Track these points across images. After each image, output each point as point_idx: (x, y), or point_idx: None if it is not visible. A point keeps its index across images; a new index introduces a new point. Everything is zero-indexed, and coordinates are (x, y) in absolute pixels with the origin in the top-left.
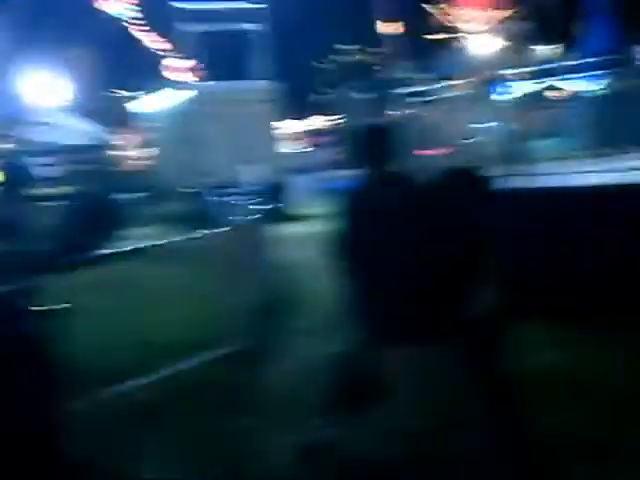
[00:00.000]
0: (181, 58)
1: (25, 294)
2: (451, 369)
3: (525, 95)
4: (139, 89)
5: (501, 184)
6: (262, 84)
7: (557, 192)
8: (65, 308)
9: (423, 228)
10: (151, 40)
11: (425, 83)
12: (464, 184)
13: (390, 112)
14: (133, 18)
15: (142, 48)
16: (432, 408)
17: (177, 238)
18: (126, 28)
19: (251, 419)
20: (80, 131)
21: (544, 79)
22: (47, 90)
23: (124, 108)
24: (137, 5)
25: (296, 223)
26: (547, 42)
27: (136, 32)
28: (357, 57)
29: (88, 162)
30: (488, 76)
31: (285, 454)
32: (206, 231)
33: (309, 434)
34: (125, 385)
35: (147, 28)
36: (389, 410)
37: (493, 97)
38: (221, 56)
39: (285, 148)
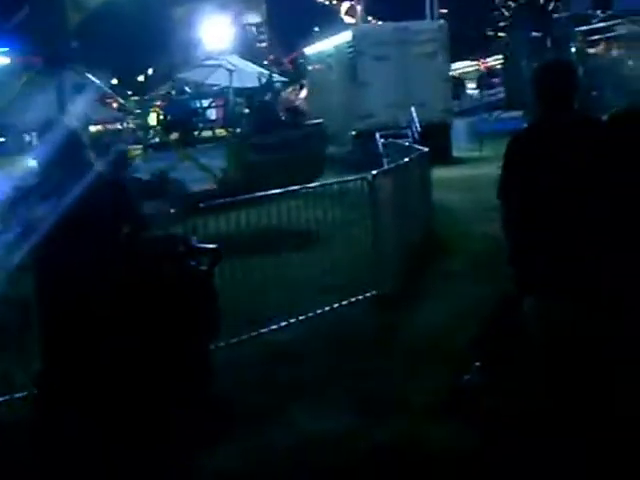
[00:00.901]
0: (345, 2)
1: (189, 234)
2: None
3: None
4: (309, 33)
5: None
6: (431, 24)
7: None
8: (221, 248)
9: (607, 175)
10: None
11: (605, 20)
12: None
13: (568, 51)
14: None
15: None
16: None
17: (334, 180)
18: None
19: (393, 361)
20: (252, 73)
21: None
22: (222, 35)
23: (289, 53)
24: None
25: (459, 165)
26: None
27: None
28: None
29: (256, 104)
30: None
31: (428, 397)
32: (365, 173)
33: (455, 379)
34: (272, 325)
35: None
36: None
37: None
38: None
39: (453, 90)
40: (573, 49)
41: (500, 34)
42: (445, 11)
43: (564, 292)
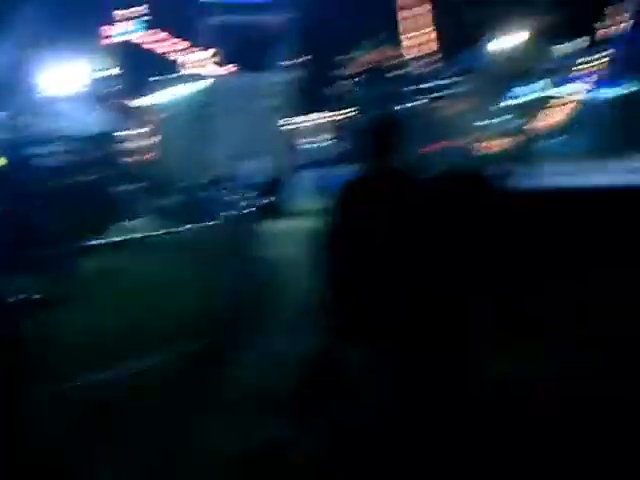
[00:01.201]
0: (199, 51)
1: (11, 283)
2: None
3: (541, 93)
4: (153, 82)
5: (509, 183)
6: (275, 77)
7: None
8: (44, 298)
9: (415, 226)
10: (166, 42)
11: (441, 77)
12: (466, 187)
13: (401, 106)
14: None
15: (156, 51)
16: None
17: (166, 230)
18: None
19: (214, 416)
20: (90, 121)
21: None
22: (58, 79)
23: (136, 100)
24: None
25: (293, 219)
26: (573, 38)
27: (149, 42)
28: (374, 52)
29: (94, 152)
30: (505, 72)
31: (241, 451)
32: (196, 224)
33: (262, 433)
34: (90, 378)
35: (161, 35)
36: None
37: (509, 93)
38: (239, 48)
39: (293, 142)
40: (406, 105)
41: (354, 88)
42: (303, 59)
43: (393, 342)
